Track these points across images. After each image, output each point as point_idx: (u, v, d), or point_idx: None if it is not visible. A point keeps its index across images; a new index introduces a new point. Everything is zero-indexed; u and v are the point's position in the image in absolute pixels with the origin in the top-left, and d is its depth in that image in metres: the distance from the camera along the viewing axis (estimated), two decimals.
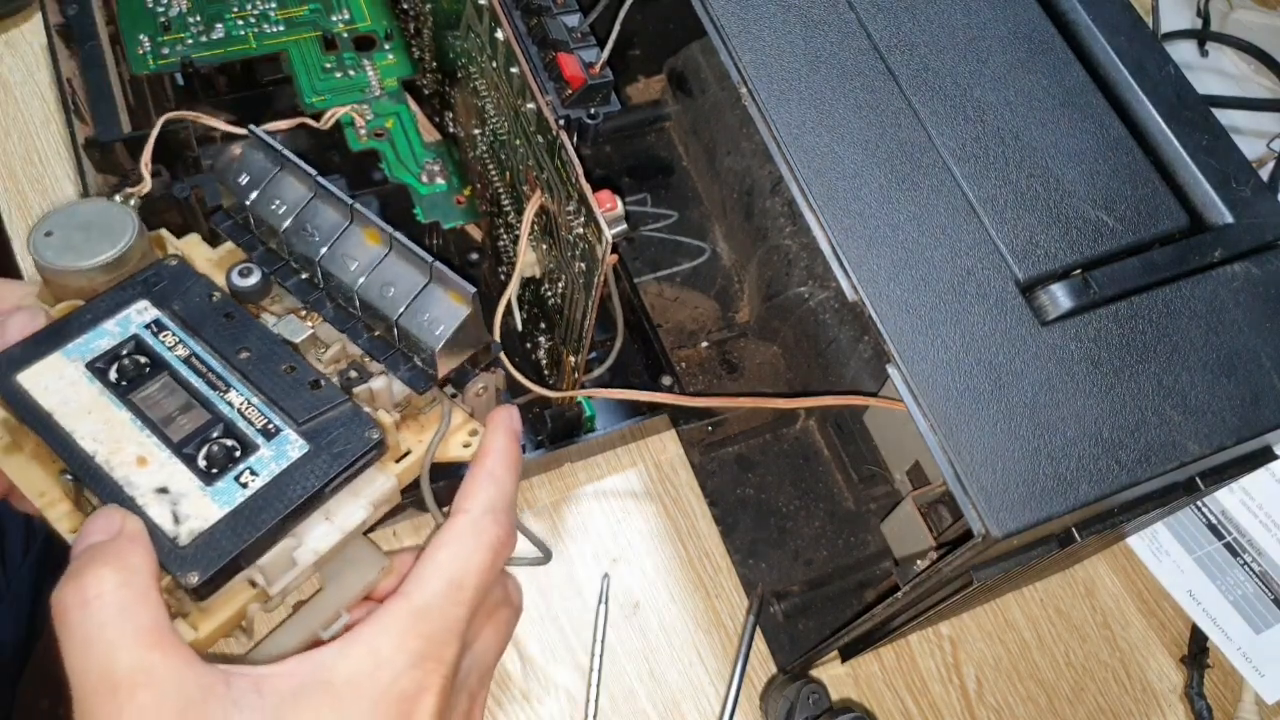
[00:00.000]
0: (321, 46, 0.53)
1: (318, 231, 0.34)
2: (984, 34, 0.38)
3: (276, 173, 0.35)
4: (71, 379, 0.31)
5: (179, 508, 0.29)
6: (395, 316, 0.33)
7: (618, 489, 0.51)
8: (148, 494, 0.29)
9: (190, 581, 0.28)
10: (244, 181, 0.35)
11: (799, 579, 0.48)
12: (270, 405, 0.32)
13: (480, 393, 0.35)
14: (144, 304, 0.33)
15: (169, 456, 0.30)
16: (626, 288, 0.51)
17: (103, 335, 0.32)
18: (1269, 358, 0.34)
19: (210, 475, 0.30)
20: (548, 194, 0.39)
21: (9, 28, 0.57)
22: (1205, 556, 0.53)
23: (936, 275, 0.33)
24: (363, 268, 0.33)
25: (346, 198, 0.33)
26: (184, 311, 0.33)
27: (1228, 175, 0.37)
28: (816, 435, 0.52)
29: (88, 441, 0.30)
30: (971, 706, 0.48)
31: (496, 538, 0.31)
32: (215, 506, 0.29)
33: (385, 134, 0.52)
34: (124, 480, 0.30)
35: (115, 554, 0.27)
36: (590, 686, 0.45)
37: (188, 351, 0.32)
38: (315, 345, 0.34)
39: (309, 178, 0.34)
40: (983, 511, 0.29)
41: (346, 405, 0.32)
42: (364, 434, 0.31)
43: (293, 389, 0.32)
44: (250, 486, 0.30)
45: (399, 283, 0.33)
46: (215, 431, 0.31)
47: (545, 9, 0.38)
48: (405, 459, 0.33)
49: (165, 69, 0.51)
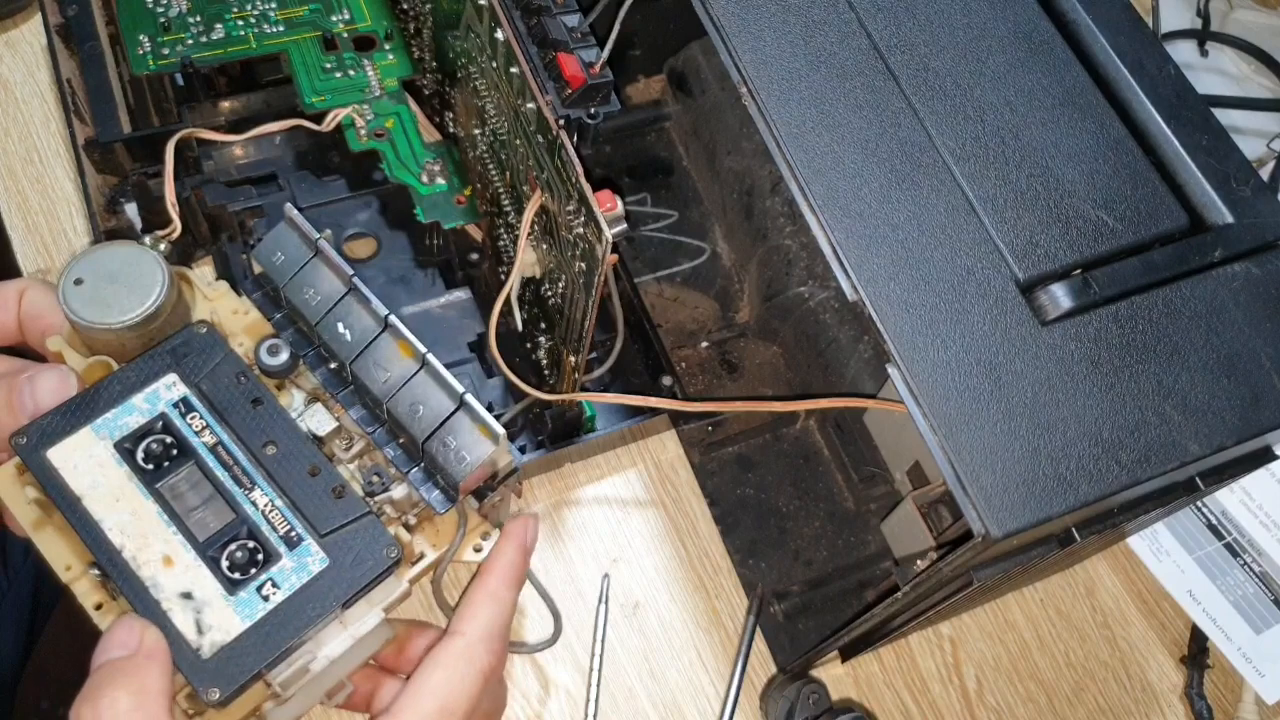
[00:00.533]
0: (321, 47, 0.53)
1: (350, 331, 0.34)
2: (984, 34, 0.38)
3: (311, 258, 0.35)
4: (100, 460, 0.31)
5: (203, 616, 0.30)
6: (422, 439, 0.33)
7: (618, 489, 0.51)
8: (173, 598, 0.30)
9: (212, 698, 0.29)
10: (278, 261, 0.35)
11: (799, 579, 0.48)
12: (293, 510, 0.32)
13: (497, 504, 0.36)
14: (172, 379, 0.33)
15: (194, 559, 0.31)
16: (627, 288, 0.51)
17: (131, 411, 0.32)
18: (1269, 358, 0.34)
19: (233, 583, 0.30)
20: (548, 194, 0.39)
21: (9, 28, 0.57)
22: (1205, 556, 0.53)
23: (936, 275, 0.33)
24: (394, 382, 0.33)
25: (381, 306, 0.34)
26: (211, 392, 0.33)
27: (1228, 175, 0.37)
28: (816, 435, 0.52)
29: (116, 534, 0.30)
30: (971, 706, 0.48)
31: (489, 665, 0.32)
32: (238, 619, 0.30)
33: (386, 134, 0.52)
34: (150, 581, 0.30)
35: (132, 674, 0.28)
36: (590, 686, 0.45)
37: (214, 440, 0.32)
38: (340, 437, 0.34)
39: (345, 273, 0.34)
40: (983, 511, 0.29)
41: (368, 519, 0.32)
42: (383, 552, 0.32)
43: (316, 496, 0.32)
44: (271, 600, 0.30)
45: (428, 403, 0.33)
46: (240, 533, 0.31)
47: (545, 9, 0.38)
48: (419, 563, 0.34)
49: (165, 69, 0.51)
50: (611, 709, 0.46)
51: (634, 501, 0.50)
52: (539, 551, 0.48)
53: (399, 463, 0.34)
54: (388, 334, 0.34)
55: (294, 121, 0.50)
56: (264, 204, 0.50)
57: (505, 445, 0.33)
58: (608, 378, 0.50)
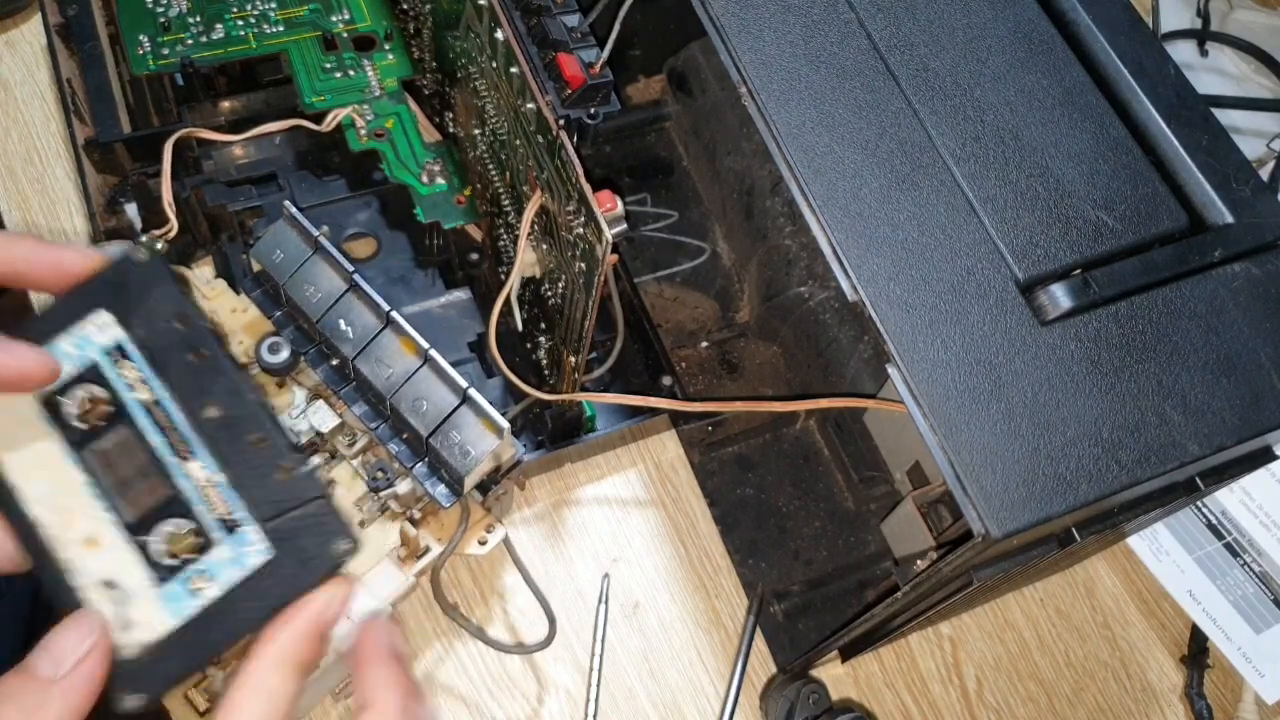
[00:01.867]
0: (321, 47, 0.53)
1: (351, 328, 0.34)
2: (984, 34, 0.38)
3: (311, 255, 0.34)
4: (23, 414, 0.28)
5: (127, 610, 0.26)
6: (426, 434, 0.32)
7: (618, 489, 0.51)
8: (94, 587, 0.26)
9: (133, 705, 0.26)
10: (278, 259, 0.34)
11: (799, 579, 0.48)
12: (234, 488, 0.28)
13: (501, 496, 0.36)
14: (105, 317, 0.28)
15: (121, 541, 0.27)
16: (627, 288, 0.51)
17: (59, 355, 0.28)
18: (1269, 358, 0.34)
19: (162, 571, 0.27)
20: (548, 194, 0.39)
21: (9, 28, 0.57)
22: (1205, 556, 0.53)
23: (936, 275, 0.33)
24: (397, 377, 0.33)
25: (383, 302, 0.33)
26: (149, 337, 0.29)
27: (1228, 175, 0.37)
28: (816, 435, 0.52)
29: (36, 507, 0.27)
30: (971, 706, 0.48)
31: None
32: (165, 615, 0.26)
33: (385, 134, 0.52)
34: (69, 565, 0.26)
35: None
36: (590, 686, 0.45)
37: (150, 396, 0.28)
38: (344, 433, 0.34)
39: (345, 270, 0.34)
40: (983, 511, 0.29)
41: (318, 503, 0.28)
42: (334, 547, 0.27)
43: (262, 471, 0.28)
44: (202, 595, 0.27)
45: (431, 398, 0.33)
46: (173, 512, 0.28)
47: (545, 9, 0.38)
48: (425, 557, 0.34)
49: (165, 69, 0.51)
50: (611, 709, 0.46)
51: (634, 501, 0.50)
52: (539, 551, 0.48)
53: (403, 458, 0.34)
54: (390, 330, 0.34)
55: (294, 122, 0.50)
56: (264, 204, 0.50)
57: (510, 439, 0.33)
58: (608, 377, 0.50)
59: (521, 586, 0.44)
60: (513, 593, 0.47)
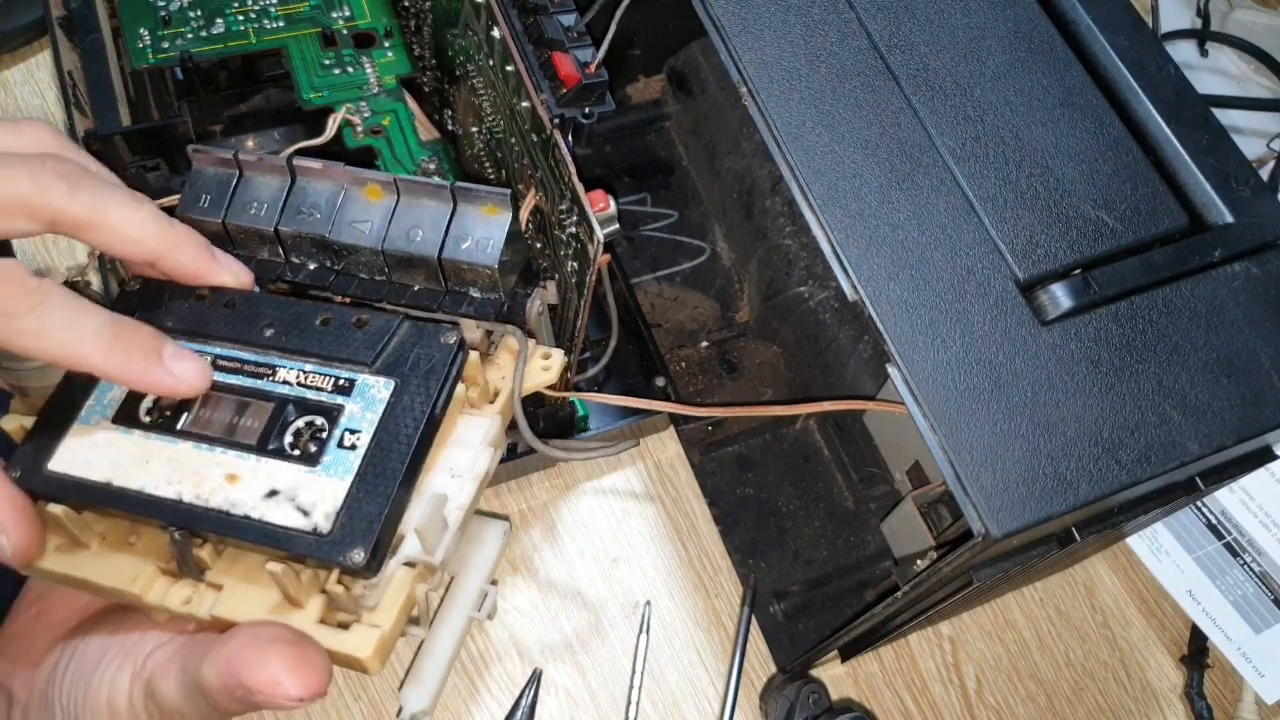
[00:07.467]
0: (321, 43, 0.53)
1: (315, 210, 0.32)
2: (984, 34, 0.38)
3: (239, 178, 0.32)
4: (106, 441, 0.28)
5: (299, 500, 0.27)
6: (437, 256, 0.31)
7: (617, 488, 0.50)
8: (259, 505, 0.27)
9: (357, 560, 0.26)
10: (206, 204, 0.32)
11: (799, 579, 0.48)
12: (328, 364, 0.29)
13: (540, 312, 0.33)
14: None
15: (256, 462, 0.28)
16: (622, 287, 0.51)
17: (110, 386, 0.29)
18: (1269, 358, 0.33)
19: (311, 457, 0.28)
20: (542, 192, 0.39)
21: (22, 59, 0.57)
22: (1205, 556, 0.53)
23: (936, 275, 0.33)
24: (378, 226, 0.31)
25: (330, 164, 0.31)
26: (180, 323, 0.30)
27: (1228, 175, 0.37)
28: (816, 435, 0.52)
29: (166, 488, 0.27)
30: (971, 706, 0.48)
31: None
32: (334, 481, 0.27)
33: (382, 131, 0.52)
34: (227, 504, 0.27)
35: None
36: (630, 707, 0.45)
37: (209, 357, 0.29)
38: None
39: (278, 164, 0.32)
40: (983, 511, 0.29)
41: (405, 325, 0.29)
42: (442, 341, 0.29)
43: (341, 337, 0.29)
44: (359, 447, 0.28)
45: (424, 221, 0.31)
46: (289, 416, 0.28)
47: (542, 7, 0.38)
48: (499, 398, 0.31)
49: (164, 63, 0.51)
50: (611, 709, 0.46)
51: (634, 501, 0.50)
52: (539, 551, 0.48)
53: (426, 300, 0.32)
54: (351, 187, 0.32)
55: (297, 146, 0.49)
56: None
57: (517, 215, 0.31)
58: (602, 377, 0.50)
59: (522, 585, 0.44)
60: (513, 591, 0.47)
